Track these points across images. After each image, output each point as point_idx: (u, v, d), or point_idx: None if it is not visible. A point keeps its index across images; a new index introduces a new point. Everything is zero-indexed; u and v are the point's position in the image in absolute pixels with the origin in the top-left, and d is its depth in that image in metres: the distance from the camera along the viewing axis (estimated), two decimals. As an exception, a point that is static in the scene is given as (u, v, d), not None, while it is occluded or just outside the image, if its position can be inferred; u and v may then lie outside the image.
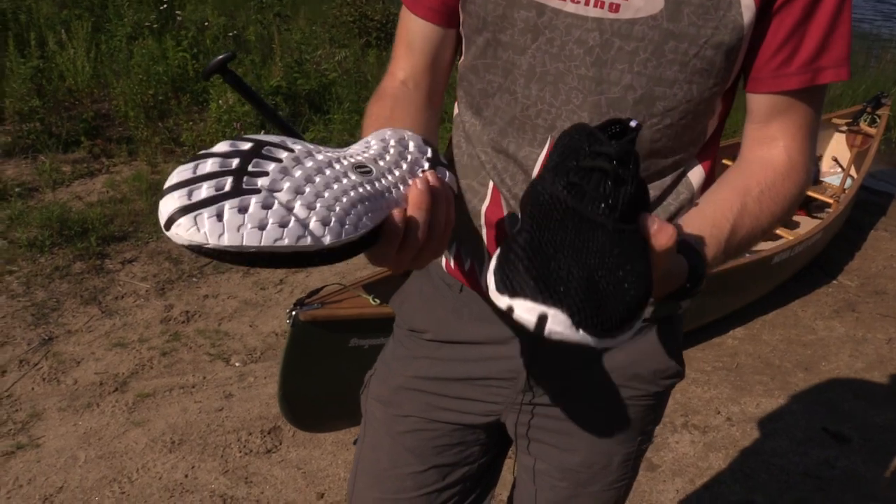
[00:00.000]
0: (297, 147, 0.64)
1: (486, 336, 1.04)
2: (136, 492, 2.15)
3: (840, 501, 2.42)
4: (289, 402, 2.06)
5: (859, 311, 3.68)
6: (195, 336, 2.88)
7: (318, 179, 0.63)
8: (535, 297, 0.58)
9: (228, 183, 0.59)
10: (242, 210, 0.57)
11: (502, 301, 0.60)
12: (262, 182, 0.60)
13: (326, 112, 4.89)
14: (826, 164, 4.68)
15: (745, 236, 0.85)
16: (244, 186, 0.59)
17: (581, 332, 0.58)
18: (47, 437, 2.32)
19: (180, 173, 0.59)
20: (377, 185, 0.66)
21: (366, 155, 0.70)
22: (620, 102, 0.86)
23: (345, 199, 0.62)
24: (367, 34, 6.09)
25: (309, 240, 0.59)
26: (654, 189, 0.94)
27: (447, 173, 0.76)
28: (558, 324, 0.58)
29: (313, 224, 0.60)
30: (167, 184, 0.58)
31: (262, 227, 0.57)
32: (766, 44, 0.85)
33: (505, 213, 0.98)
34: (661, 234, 0.68)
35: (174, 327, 2.92)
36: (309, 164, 0.64)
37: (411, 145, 0.74)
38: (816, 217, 4.16)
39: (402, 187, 0.69)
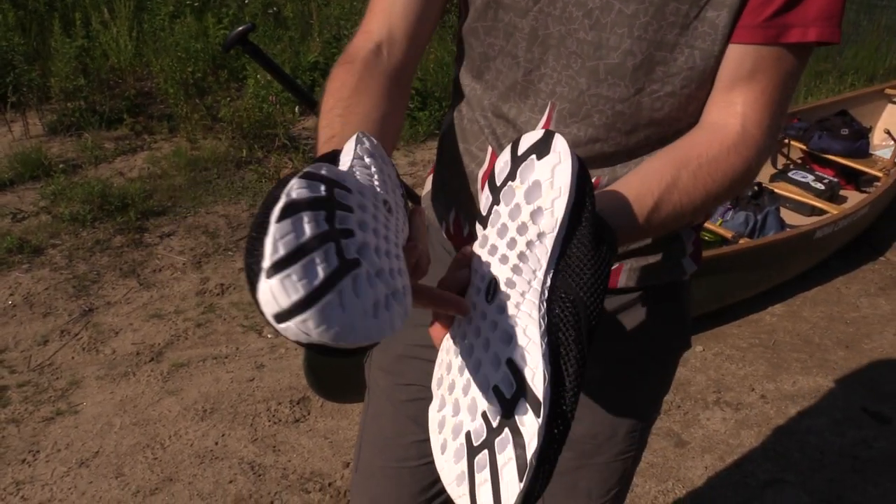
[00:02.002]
0: (350, 184, 0.52)
1: None
2: (168, 458, 2.22)
3: (876, 483, 2.36)
4: (314, 372, 2.09)
5: (907, 288, 3.56)
6: (229, 308, 2.94)
7: (380, 231, 0.53)
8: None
9: (334, 254, 0.46)
10: (357, 293, 0.46)
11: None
12: (353, 246, 0.48)
13: (363, 87, 4.89)
14: (878, 137, 4.50)
15: (673, 212, 0.79)
16: (346, 257, 0.46)
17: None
18: (85, 405, 2.40)
19: (286, 241, 0.44)
20: (398, 220, 0.60)
21: (377, 184, 0.60)
22: (619, 69, 0.84)
23: (398, 253, 0.55)
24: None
25: (408, 310, 0.51)
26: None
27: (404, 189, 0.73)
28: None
29: (402, 289, 0.51)
30: (274, 256, 0.43)
31: (376, 314, 0.47)
32: None
33: None
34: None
35: (209, 299, 2.98)
36: (368, 211, 0.53)
37: (385, 160, 0.67)
38: (865, 191, 4.02)
39: (404, 217, 0.64)
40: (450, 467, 0.63)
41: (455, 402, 0.65)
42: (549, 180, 0.66)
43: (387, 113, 0.81)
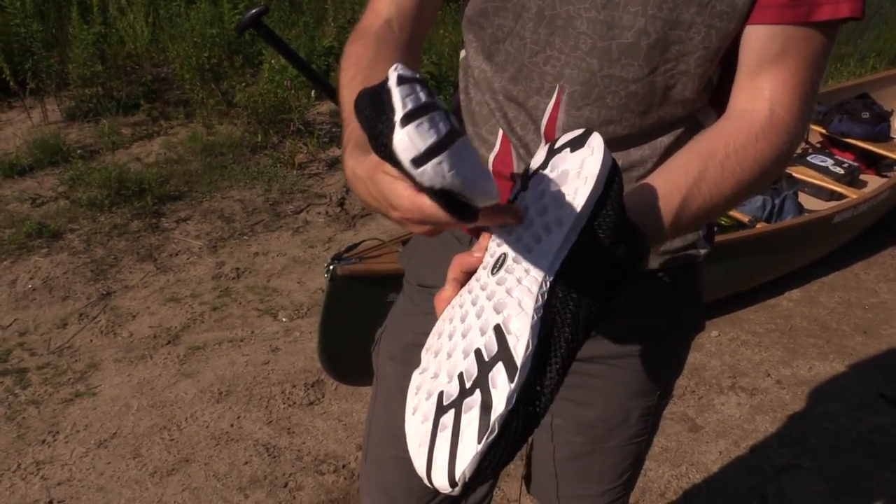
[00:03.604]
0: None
1: None
2: (185, 439, 2.24)
3: (893, 470, 2.34)
4: (328, 354, 2.10)
5: (927, 273, 3.51)
6: (245, 292, 2.96)
7: None
8: None
9: (447, 118, 0.51)
10: (468, 156, 0.51)
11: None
12: (455, 121, 0.53)
13: (378, 73, 4.88)
14: (900, 120, 4.43)
15: (703, 206, 0.76)
16: (455, 126, 0.52)
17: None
18: (103, 387, 2.44)
19: (412, 98, 0.49)
20: None
21: None
22: (633, 48, 0.82)
23: None
24: (421, -7, 6.02)
25: (498, 196, 0.55)
26: (668, 138, 0.91)
27: None
28: None
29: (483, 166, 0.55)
30: (404, 108, 0.49)
31: (486, 176, 0.53)
32: None
33: (514, 162, 0.96)
34: None
35: (225, 283, 3.00)
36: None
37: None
38: (885, 176, 3.97)
39: None
40: (416, 428, 0.62)
41: (437, 366, 0.65)
42: (578, 170, 0.66)
43: None
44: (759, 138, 0.79)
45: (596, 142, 0.66)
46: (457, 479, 0.56)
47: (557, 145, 0.71)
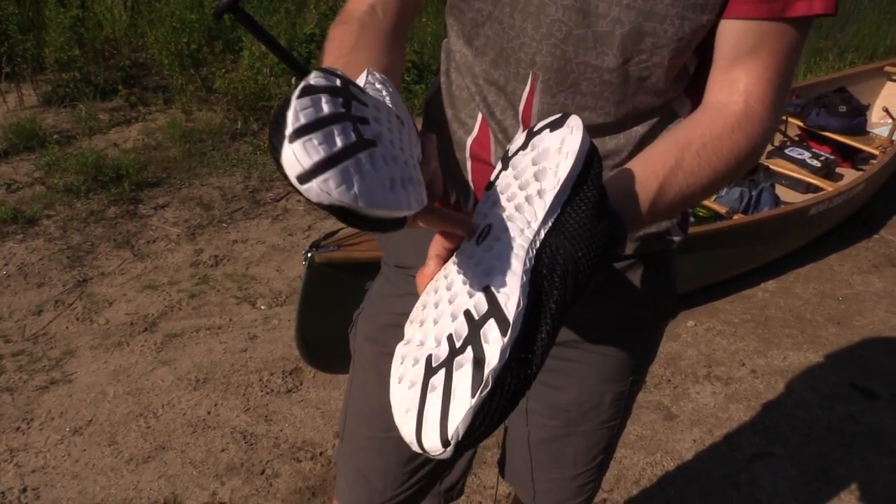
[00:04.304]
0: (363, 93, 0.58)
1: None
2: (161, 426, 2.23)
3: (862, 457, 2.38)
4: (306, 342, 2.10)
5: (900, 266, 3.57)
6: (223, 279, 2.94)
7: (394, 131, 0.57)
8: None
9: (352, 130, 0.50)
10: (375, 167, 0.50)
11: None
12: (369, 131, 0.52)
13: (360, 61, 4.86)
14: (876, 115, 4.49)
15: (679, 194, 0.77)
16: (363, 136, 0.51)
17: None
18: (79, 374, 2.42)
19: (306, 112, 0.49)
20: (411, 136, 0.63)
21: (388, 101, 0.65)
22: (608, 37, 0.83)
23: (412, 159, 0.58)
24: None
25: (424, 199, 0.55)
26: (643, 127, 0.91)
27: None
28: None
29: (418, 181, 0.55)
30: (295, 123, 0.48)
31: (393, 188, 0.52)
32: None
33: (492, 146, 0.96)
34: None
35: (203, 271, 2.99)
36: (381, 111, 0.58)
37: (393, 90, 0.71)
38: (861, 169, 4.02)
39: (416, 138, 0.67)
40: (402, 395, 0.60)
41: (423, 334, 0.63)
42: (558, 147, 0.67)
43: (386, 68, 0.82)
44: (735, 130, 0.80)
45: (575, 122, 0.68)
46: (449, 436, 0.54)
47: (537, 128, 0.72)
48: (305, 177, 0.48)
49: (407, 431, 0.58)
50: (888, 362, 2.86)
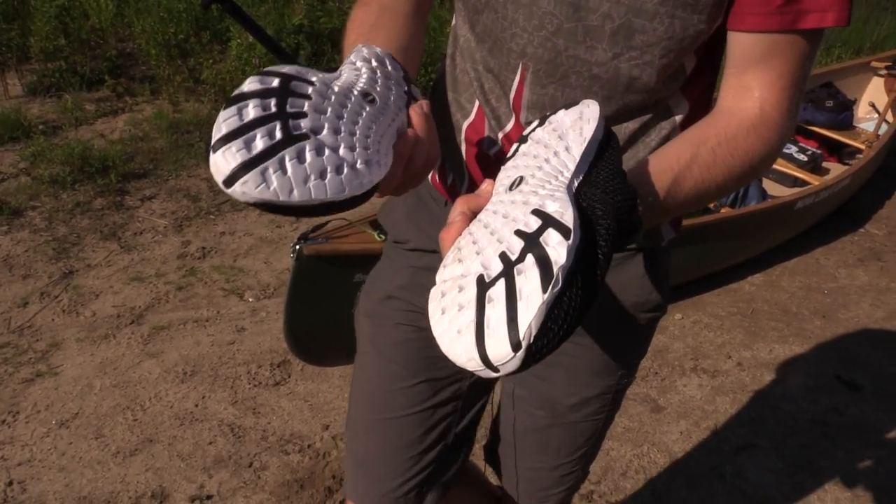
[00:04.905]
0: (315, 79, 0.62)
1: None
2: (148, 419, 2.23)
3: (846, 448, 2.41)
4: (294, 335, 2.10)
5: (885, 259, 3.60)
6: (210, 272, 2.93)
7: (345, 116, 0.60)
8: None
9: (278, 130, 0.54)
10: (301, 160, 0.54)
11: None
12: (304, 125, 0.56)
13: (349, 52, 4.83)
14: (862, 110, 4.52)
15: (694, 188, 0.78)
16: (293, 132, 0.55)
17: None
18: (65, 366, 2.40)
19: (227, 122, 0.54)
20: (386, 113, 0.65)
21: (362, 81, 0.67)
22: (597, 31, 0.83)
23: (372, 135, 0.61)
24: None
25: (362, 185, 0.57)
26: (634, 123, 0.91)
27: (419, 92, 0.75)
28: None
29: (360, 166, 0.57)
30: (217, 135, 0.53)
31: (322, 178, 0.55)
32: None
33: (486, 133, 0.97)
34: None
35: (190, 263, 2.97)
36: (332, 98, 0.61)
37: (388, 63, 0.73)
38: (847, 163, 4.05)
39: (400, 111, 0.68)
40: (449, 321, 0.54)
41: (465, 267, 0.57)
42: (578, 117, 0.68)
43: (404, 45, 0.85)
44: (751, 133, 0.80)
45: (589, 101, 0.70)
46: (521, 336, 0.50)
47: (551, 113, 0.74)
48: (228, 182, 0.53)
49: (461, 351, 0.53)
50: (872, 355, 2.89)
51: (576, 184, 0.62)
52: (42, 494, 1.96)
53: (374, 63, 0.71)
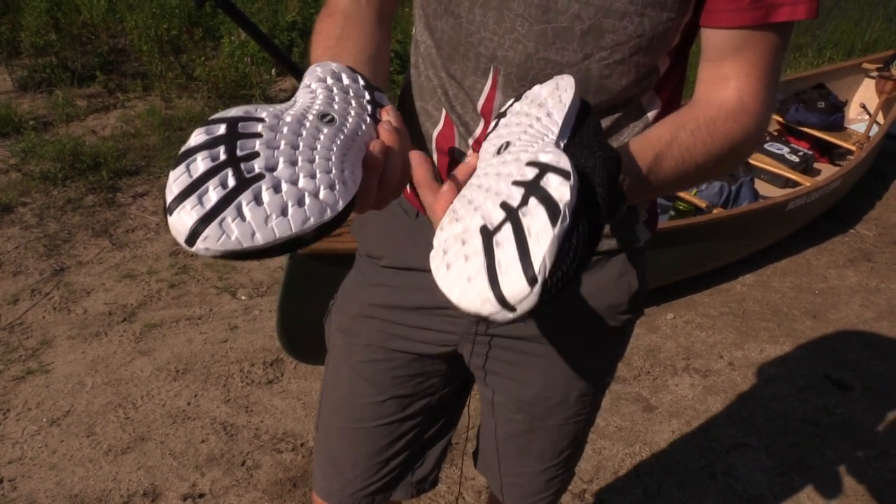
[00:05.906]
0: (264, 114, 0.61)
1: None
2: (140, 417, 2.22)
3: (835, 448, 2.43)
4: (287, 333, 2.09)
5: (875, 260, 3.62)
6: (203, 269, 2.92)
7: (301, 144, 0.59)
8: None
9: (230, 177, 0.53)
10: (259, 202, 0.53)
11: None
12: (258, 164, 0.55)
13: (342, 50, 4.83)
14: (853, 111, 4.55)
15: (675, 168, 0.80)
16: (246, 175, 0.54)
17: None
18: (56, 364, 2.39)
19: (178, 182, 0.53)
20: (346, 130, 0.64)
21: (318, 103, 0.67)
22: (567, 33, 0.83)
23: (333, 156, 0.60)
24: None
25: (329, 211, 0.56)
26: (606, 122, 0.91)
27: (385, 97, 0.75)
28: None
29: (323, 193, 0.56)
30: (170, 196, 0.52)
31: (284, 214, 0.53)
32: None
33: (456, 140, 0.96)
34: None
35: (183, 260, 2.96)
36: (285, 129, 0.60)
37: (345, 77, 0.72)
38: (838, 164, 4.07)
39: (363, 123, 0.67)
40: (457, 272, 0.55)
41: (463, 224, 0.58)
42: (554, 88, 0.68)
43: (372, 55, 0.84)
44: (729, 118, 0.82)
45: (564, 74, 0.70)
46: (536, 270, 0.51)
47: (525, 89, 0.75)
48: (189, 240, 0.52)
49: (475, 296, 0.53)
50: (862, 355, 2.91)
51: (562, 145, 0.63)
52: (33, 493, 1.95)
53: (329, 81, 0.70)
